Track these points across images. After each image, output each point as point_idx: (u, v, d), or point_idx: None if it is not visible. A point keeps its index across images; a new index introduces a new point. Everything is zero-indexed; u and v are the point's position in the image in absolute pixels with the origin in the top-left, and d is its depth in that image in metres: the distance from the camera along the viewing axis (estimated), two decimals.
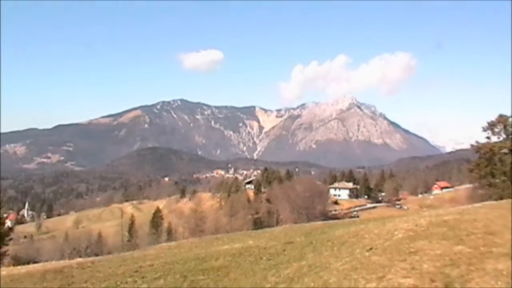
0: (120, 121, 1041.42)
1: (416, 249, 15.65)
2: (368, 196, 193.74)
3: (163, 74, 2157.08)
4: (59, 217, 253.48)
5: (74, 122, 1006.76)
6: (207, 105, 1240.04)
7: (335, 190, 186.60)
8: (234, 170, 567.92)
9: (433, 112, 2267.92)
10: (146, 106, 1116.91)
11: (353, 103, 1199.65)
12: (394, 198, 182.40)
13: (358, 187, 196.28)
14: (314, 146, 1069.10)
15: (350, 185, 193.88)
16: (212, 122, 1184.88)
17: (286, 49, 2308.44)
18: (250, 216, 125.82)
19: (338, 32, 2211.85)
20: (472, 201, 50.80)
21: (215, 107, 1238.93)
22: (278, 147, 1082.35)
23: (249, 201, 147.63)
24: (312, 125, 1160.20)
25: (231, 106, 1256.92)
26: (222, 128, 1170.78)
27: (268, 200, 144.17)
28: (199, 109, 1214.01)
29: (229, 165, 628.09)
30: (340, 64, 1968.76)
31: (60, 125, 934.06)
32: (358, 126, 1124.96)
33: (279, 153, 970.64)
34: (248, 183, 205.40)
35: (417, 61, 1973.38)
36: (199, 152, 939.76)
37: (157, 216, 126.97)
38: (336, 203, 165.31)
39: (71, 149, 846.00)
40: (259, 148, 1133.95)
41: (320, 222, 53.86)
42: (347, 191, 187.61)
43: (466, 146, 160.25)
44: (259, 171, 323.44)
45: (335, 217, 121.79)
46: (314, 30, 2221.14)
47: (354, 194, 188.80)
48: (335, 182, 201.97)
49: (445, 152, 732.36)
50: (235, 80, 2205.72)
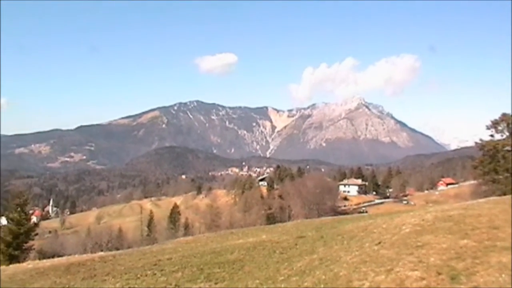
0: (139, 122, 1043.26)
1: (423, 243, 15.59)
2: (376, 192, 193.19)
3: (179, 76, 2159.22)
4: (81, 213, 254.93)
5: (96, 123, 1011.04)
6: (222, 106, 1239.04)
7: (345, 186, 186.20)
8: (248, 168, 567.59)
9: (438, 111, 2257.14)
10: (164, 107, 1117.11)
11: (361, 103, 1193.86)
12: (401, 194, 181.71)
13: (367, 183, 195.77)
14: (324, 145, 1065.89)
15: (359, 181, 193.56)
16: (227, 122, 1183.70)
17: (297, 52, 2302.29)
18: (263, 211, 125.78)
19: (346, 35, 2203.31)
20: (476, 196, 50.39)
21: (230, 107, 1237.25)
22: (289, 146, 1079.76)
23: (262, 197, 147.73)
24: (322, 124, 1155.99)
25: (244, 107, 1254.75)
26: (236, 127, 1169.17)
27: (280, 197, 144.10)
28: (214, 110, 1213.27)
29: (243, 163, 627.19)
30: (348, 66, 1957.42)
31: (82, 126, 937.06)
32: (366, 125, 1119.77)
33: (290, 151, 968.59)
34: (261, 180, 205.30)
35: (422, 62, 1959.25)
36: (214, 151, 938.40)
37: (174, 212, 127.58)
38: (345, 199, 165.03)
39: (92, 148, 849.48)
40: (271, 147, 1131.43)
41: (330, 217, 53.76)
42: (356, 188, 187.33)
43: (470, 143, 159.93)
44: (271, 169, 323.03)
45: (344, 212, 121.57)
46: (323, 33, 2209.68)
47: (362, 190, 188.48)
48: (344, 179, 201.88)
49: (450, 149, 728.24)
50: (249, 82, 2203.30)
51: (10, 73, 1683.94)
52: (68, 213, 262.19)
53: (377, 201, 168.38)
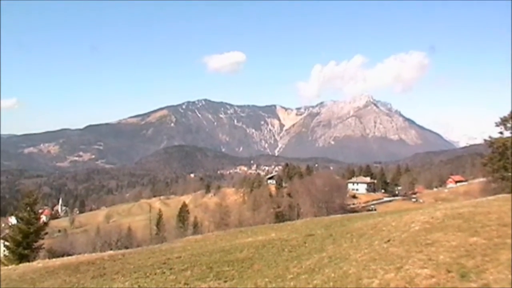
0: (147, 121, 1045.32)
1: (432, 241, 15.58)
2: (385, 190, 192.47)
3: (188, 75, 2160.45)
4: (91, 212, 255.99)
5: (104, 122, 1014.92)
6: (230, 105, 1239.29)
7: (353, 184, 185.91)
8: (257, 166, 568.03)
9: (446, 108, 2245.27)
10: (172, 106, 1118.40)
11: (370, 100, 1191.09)
12: (410, 192, 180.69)
13: (375, 181, 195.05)
14: (332, 143, 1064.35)
15: (368, 179, 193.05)
16: (235, 121, 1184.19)
17: (305, 50, 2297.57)
18: (272, 210, 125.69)
19: (355, 33, 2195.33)
20: (485, 194, 50.26)
21: (238, 106, 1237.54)
22: (298, 144, 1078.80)
23: (271, 195, 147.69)
24: (330, 122, 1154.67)
25: (253, 105, 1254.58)
26: (244, 126, 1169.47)
27: (289, 195, 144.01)
28: (222, 109, 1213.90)
29: (252, 162, 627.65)
30: (357, 63, 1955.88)
31: (91, 125, 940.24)
32: (375, 122, 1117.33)
33: (299, 149, 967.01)
34: (270, 178, 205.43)
35: (431, 59, 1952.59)
36: (223, 149, 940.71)
37: (183, 211, 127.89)
38: (354, 197, 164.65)
39: (101, 147, 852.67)
40: (280, 145, 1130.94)
41: (339, 215, 53.82)
42: (365, 185, 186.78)
43: (479, 141, 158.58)
44: (280, 167, 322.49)
45: (353, 210, 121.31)
46: (332, 31, 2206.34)
47: (371, 188, 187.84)
48: (353, 176, 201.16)
49: (459, 147, 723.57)
50: (257, 80, 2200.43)
51: (20, 72, 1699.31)
52: (78, 212, 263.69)
53: (386, 199, 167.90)
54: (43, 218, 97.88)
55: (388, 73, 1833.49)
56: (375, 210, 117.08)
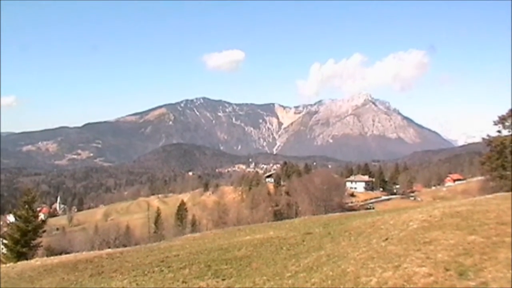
0: (146, 119, 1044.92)
1: (430, 239, 15.59)
2: (383, 188, 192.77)
3: (186, 73, 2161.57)
4: (89, 210, 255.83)
5: (103, 120, 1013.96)
6: (229, 103, 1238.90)
7: (352, 183, 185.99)
8: (255, 165, 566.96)
9: (445, 107, 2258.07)
10: (171, 104, 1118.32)
11: (368, 99, 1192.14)
12: (408, 190, 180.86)
13: (374, 179, 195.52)
14: (331, 141, 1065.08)
15: (366, 178, 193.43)
16: (234, 119, 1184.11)
17: (304, 48, 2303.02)
18: (270, 208, 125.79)
19: (354, 31, 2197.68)
20: (484, 192, 50.27)
21: (236, 104, 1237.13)
22: (296, 142, 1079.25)
23: (269, 194, 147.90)
24: (329, 120, 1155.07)
25: (251, 104, 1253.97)
26: (243, 124, 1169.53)
27: (287, 193, 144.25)
28: (221, 107, 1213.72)
29: (250, 160, 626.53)
30: (356, 62, 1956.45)
31: (89, 123, 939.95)
32: (373, 121, 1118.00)
33: (297, 147, 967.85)
34: (268, 176, 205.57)
35: (430, 58, 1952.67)
36: (221, 148, 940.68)
37: (182, 209, 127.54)
38: (352, 195, 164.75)
39: (100, 146, 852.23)
40: (278, 143, 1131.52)
41: (338, 214, 53.84)
42: (363, 184, 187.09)
43: (477, 139, 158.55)
44: (278, 165, 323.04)
45: (351, 209, 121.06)
46: (331, 29, 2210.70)
47: (369, 187, 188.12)
48: (351, 175, 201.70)
49: (457, 145, 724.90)
50: (255, 78, 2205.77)
51: (18, 70, 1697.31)
52: (76, 210, 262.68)
53: (384, 198, 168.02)
54: (41, 216, 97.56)
55: (387, 72, 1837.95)
56: (373, 208, 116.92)
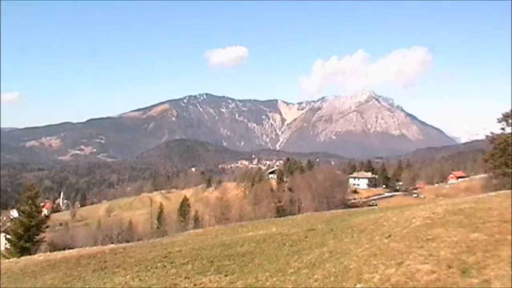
0: (149, 115, 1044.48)
1: (433, 236, 15.57)
2: (386, 185, 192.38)
3: (189, 69, 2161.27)
4: (92, 206, 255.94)
5: (106, 116, 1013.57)
6: (232, 99, 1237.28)
7: (354, 179, 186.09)
8: (258, 161, 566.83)
9: (448, 104, 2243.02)
10: (174, 100, 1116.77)
11: (371, 96, 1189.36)
12: (411, 187, 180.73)
13: (377, 176, 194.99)
14: (334, 138, 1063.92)
15: (369, 174, 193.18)
16: (237, 115, 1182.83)
17: (307, 45, 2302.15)
18: (273, 204, 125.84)
19: (357, 28, 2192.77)
20: (487, 190, 50.12)
21: (239, 100, 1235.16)
22: (299, 139, 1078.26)
23: (272, 190, 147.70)
24: (332, 117, 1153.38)
25: (254, 100, 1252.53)
26: (246, 120, 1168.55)
27: (290, 189, 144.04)
28: (224, 103, 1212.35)
29: (253, 156, 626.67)
30: (359, 58, 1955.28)
31: (92, 119, 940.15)
32: (376, 118, 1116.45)
33: (300, 144, 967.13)
34: (271, 173, 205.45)
35: (433, 54, 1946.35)
36: (224, 144, 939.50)
37: (184, 205, 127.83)
38: (355, 192, 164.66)
39: (103, 141, 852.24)
40: (281, 140, 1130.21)
41: (340, 210, 53.82)
42: (366, 181, 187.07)
43: (481, 137, 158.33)
44: (281, 162, 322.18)
45: (354, 206, 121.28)
46: (334, 26, 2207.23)
47: (372, 184, 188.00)
48: (354, 172, 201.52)
49: (461, 142, 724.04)
50: (259, 74, 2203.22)
51: (21, 66, 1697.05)
52: (79, 205, 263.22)
53: (387, 194, 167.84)
54: (45, 212, 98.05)
55: (390, 69, 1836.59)
56: (376, 205, 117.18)
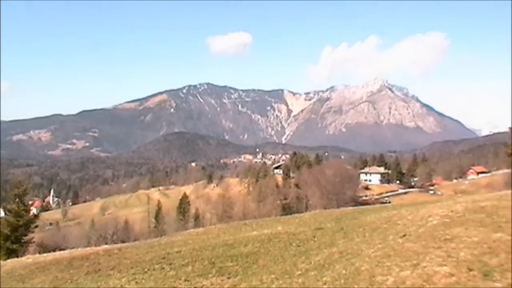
0: (146, 106, 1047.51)
1: (452, 236, 15.47)
2: (400, 181, 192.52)
3: (189, 57, 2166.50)
4: (85, 204, 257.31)
5: (100, 107, 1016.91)
6: (234, 89, 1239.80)
7: (366, 175, 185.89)
8: (262, 155, 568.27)
9: (468, 94, 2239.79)
10: (172, 90, 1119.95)
11: (384, 85, 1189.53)
12: (427, 183, 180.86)
13: (390, 172, 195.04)
14: (344, 130, 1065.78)
15: (381, 169, 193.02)
16: (240, 106, 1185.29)
17: (315, 31, 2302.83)
18: (278, 201, 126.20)
19: (369, 12, 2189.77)
20: (510, 186, 50.05)
21: (243, 90, 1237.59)
22: (307, 131, 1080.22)
23: (277, 186, 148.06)
24: (341, 108, 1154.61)
25: (259, 90, 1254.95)
26: (249, 112, 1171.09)
27: (297, 185, 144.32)
28: (226, 93, 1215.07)
29: (257, 150, 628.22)
30: (371, 45, 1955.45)
31: (85, 111, 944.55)
32: (390, 109, 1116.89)
33: (308, 137, 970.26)
34: (276, 168, 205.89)
35: (452, 40, 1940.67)
36: (226, 137, 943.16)
37: (184, 202, 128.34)
38: (366, 188, 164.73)
39: (96, 135, 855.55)
40: (287, 132, 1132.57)
41: (351, 208, 53.81)
42: (378, 176, 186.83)
43: (502, 129, 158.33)
44: (287, 156, 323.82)
45: (365, 203, 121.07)
46: (344, 10, 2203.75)
47: (385, 179, 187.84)
48: (365, 166, 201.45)
49: (481, 135, 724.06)
50: (263, 63, 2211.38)
51: (8, 55, 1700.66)
52: (71, 203, 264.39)
53: (401, 191, 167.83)
54: (33, 210, 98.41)
55: (404, 56, 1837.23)
56: (389, 202, 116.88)
